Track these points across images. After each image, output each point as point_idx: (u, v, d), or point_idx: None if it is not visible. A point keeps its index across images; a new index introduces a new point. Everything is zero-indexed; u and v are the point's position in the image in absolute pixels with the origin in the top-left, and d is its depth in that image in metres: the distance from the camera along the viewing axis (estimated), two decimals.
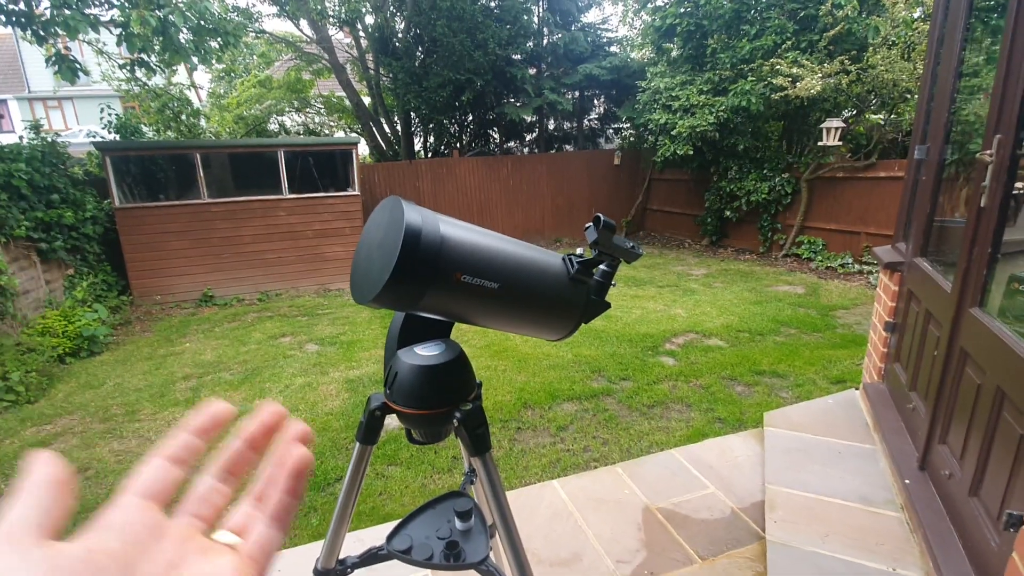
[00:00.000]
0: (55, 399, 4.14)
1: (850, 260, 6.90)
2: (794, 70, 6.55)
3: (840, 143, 6.81)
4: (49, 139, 6.19)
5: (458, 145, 11.13)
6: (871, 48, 6.34)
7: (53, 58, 5.32)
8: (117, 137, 7.70)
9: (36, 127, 6.22)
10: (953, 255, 2.09)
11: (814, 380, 3.79)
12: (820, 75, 6.39)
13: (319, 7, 9.63)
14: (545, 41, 10.58)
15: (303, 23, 10.48)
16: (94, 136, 7.71)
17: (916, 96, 5.97)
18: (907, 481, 2.10)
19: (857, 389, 3.06)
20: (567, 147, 11.99)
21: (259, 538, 0.32)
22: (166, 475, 0.32)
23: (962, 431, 1.84)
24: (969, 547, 1.72)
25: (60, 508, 0.28)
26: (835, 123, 6.69)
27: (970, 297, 1.83)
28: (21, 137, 6.09)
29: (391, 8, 10.09)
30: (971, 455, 1.76)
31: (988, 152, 1.70)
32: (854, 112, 7.23)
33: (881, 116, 6.94)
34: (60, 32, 5.16)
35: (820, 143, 6.91)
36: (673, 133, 7.75)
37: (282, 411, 0.36)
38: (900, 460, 2.23)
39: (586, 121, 11.87)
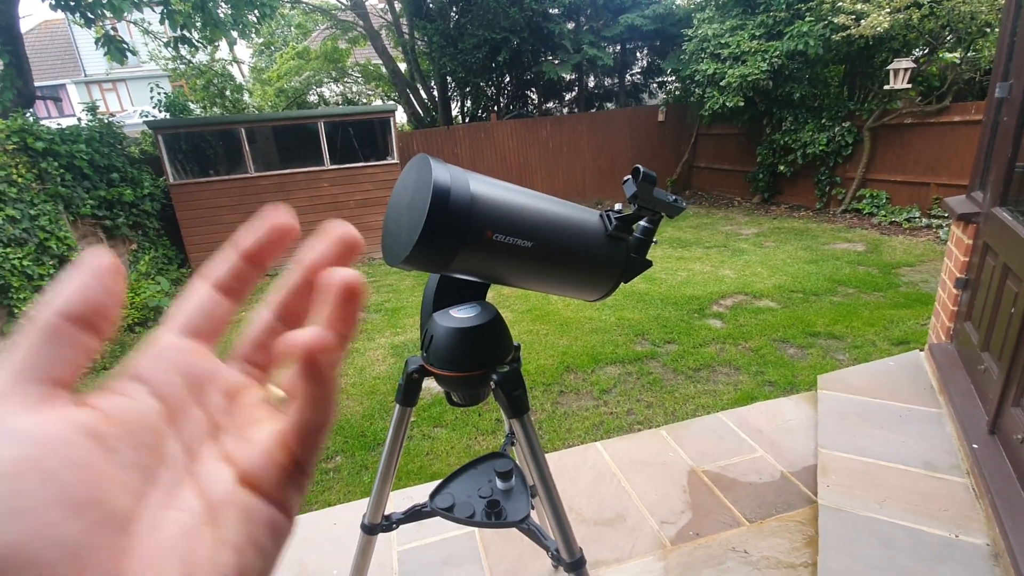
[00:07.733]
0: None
1: (917, 214, 6.43)
2: (858, 6, 6.01)
3: (909, 86, 6.26)
4: (105, 120, 6.45)
5: (496, 108, 10.93)
6: None
7: (102, 39, 5.50)
8: (167, 115, 7.96)
9: (93, 109, 6.49)
10: None
11: (874, 342, 3.60)
12: (888, 10, 5.84)
13: None
14: None
15: None
16: (147, 116, 8.01)
17: (997, 30, 5.38)
18: (975, 446, 1.98)
19: (921, 351, 2.88)
20: (608, 105, 11.56)
21: (297, 414, 0.22)
22: (215, 307, 0.24)
23: None
24: None
25: (77, 349, 0.19)
26: (904, 63, 6.14)
27: None
28: (79, 119, 6.38)
29: None
30: None
31: None
32: (926, 51, 6.61)
33: (957, 54, 6.32)
34: (107, 13, 5.31)
35: (886, 87, 6.38)
36: (722, 84, 7.32)
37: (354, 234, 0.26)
38: (968, 424, 2.10)
39: (628, 76, 11.37)
